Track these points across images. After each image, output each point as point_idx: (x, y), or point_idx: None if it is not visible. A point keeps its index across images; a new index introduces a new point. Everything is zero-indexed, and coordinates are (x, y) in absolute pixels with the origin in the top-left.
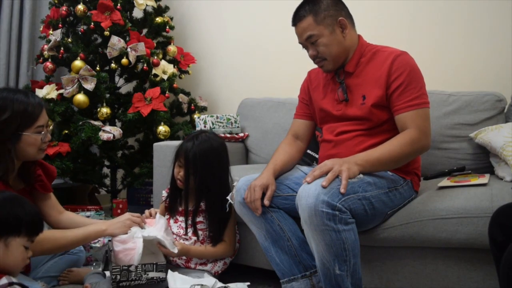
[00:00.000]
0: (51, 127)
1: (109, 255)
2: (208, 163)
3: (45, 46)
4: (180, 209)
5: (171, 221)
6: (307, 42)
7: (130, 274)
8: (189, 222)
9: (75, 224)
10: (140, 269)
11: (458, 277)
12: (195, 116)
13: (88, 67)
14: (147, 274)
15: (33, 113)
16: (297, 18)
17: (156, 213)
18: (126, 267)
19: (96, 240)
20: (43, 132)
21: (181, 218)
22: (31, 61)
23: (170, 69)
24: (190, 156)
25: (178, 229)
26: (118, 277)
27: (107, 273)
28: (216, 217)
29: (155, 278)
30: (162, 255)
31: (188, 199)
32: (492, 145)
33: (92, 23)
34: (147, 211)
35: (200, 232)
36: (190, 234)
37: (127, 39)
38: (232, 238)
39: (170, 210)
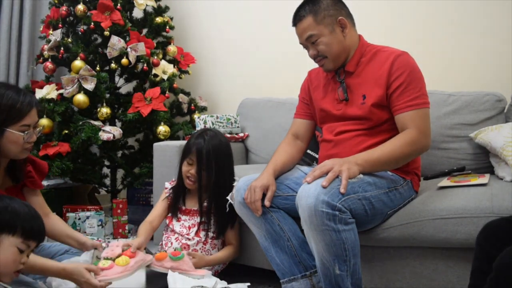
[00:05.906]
0: (40, 128)
1: None
2: (220, 159)
3: (45, 46)
4: (184, 208)
5: (174, 220)
6: (308, 42)
7: None
8: (204, 219)
9: (55, 231)
10: None
11: (458, 277)
12: (195, 116)
13: (88, 67)
14: None
15: (21, 111)
16: (297, 18)
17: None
18: None
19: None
20: (26, 132)
21: (184, 217)
22: (31, 61)
23: (170, 69)
24: (204, 153)
25: (181, 228)
26: None
27: None
28: (226, 217)
29: None
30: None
31: (202, 197)
32: (492, 145)
33: (92, 23)
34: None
35: (203, 233)
36: (193, 234)
37: (127, 39)
38: (238, 240)
39: (172, 209)
